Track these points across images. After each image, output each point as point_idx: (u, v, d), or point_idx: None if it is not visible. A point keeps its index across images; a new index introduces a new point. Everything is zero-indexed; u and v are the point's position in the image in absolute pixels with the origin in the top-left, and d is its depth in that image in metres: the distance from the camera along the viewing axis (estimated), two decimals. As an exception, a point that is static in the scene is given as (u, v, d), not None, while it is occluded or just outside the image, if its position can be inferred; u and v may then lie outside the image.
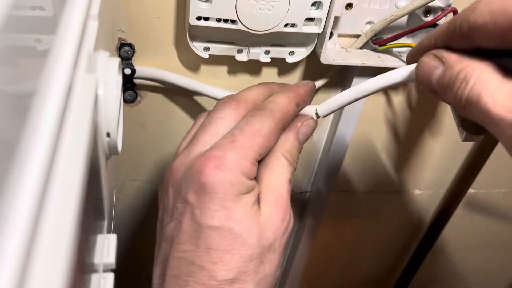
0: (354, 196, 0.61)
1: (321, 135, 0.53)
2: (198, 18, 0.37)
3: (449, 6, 0.40)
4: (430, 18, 0.41)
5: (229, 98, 0.33)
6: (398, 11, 0.40)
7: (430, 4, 0.40)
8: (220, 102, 0.33)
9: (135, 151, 0.49)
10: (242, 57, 0.41)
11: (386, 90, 0.50)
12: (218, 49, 0.40)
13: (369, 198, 0.62)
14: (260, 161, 0.31)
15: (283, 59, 0.42)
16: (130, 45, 0.40)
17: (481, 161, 0.57)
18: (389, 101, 0.51)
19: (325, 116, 0.35)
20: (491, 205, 0.68)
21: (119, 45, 0.40)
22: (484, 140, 0.54)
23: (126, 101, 0.44)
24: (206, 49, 0.40)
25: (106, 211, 0.27)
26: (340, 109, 0.41)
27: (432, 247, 0.71)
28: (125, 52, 0.40)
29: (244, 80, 0.45)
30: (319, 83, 0.46)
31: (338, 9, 0.38)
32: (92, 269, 0.21)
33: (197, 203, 0.27)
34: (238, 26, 0.37)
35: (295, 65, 0.45)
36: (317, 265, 0.70)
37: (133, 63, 0.41)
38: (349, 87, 0.46)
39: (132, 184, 0.52)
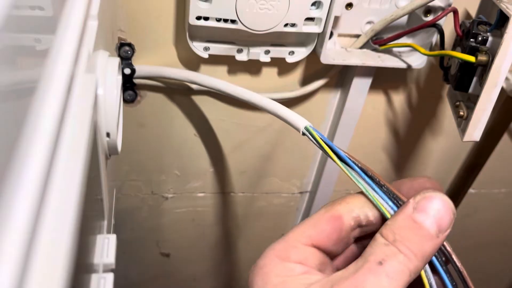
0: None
1: (321, 135, 0.53)
2: (198, 18, 0.37)
3: (449, 5, 0.40)
4: (430, 18, 0.41)
5: None
6: (398, 11, 0.40)
7: (430, 4, 0.40)
8: None
9: (135, 151, 0.49)
10: (242, 57, 0.41)
11: (386, 90, 0.50)
12: (218, 49, 0.40)
13: (369, 198, 0.62)
14: None
15: (283, 59, 0.42)
16: (129, 45, 0.40)
17: (481, 161, 0.57)
18: (389, 101, 0.51)
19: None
20: (491, 205, 0.68)
21: (118, 45, 0.40)
22: (485, 140, 0.54)
23: (126, 101, 0.44)
24: (206, 49, 0.40)
25: (106, 211, 0.27)
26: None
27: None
28: (125, 52, 0.40)
29: (244, 80, 0.45)
30: (319, 83, 0.46)
31: (338, 8, 0.38)
32: (91, 269, 0.21)
33: None
34: (238, 26, 0.37)
35: (295, 65, 0.45)
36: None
37: (133, 63, 0.41)
38: (349, 86, 0.46)
39: (132, 184, 0.52)
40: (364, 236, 0.27)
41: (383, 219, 0.26)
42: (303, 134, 0.31)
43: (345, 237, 0.25)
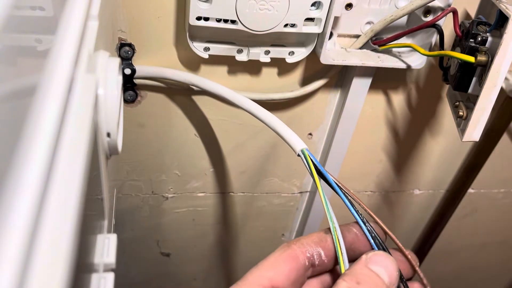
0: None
1: (321, 135, 0.53)
2: (198, 18, 0.37)
3: (449, 6, 0.40)
4: (429, 18, 0.41)
5: None
6: (398, 11, 0.40)
7: (429, 4, 0.40)
8: None
9: (135, 151, 0.49)
10: (242, 57, 0.41)
11: (385, 90, 0.50)
12: (218, 49, 0.40)
13: (369, 198, 0.62)
14: None
15: (283, 59, 0.42)
16: (130, 45, 0.40)
17: (480, 161, 0.58)
18: (389, 101, 0.51)
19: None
20: (491, 205, 0.68)
21: (119, 45, 0.40)
22: (484, 140, 0.54)
23: (126, 101, 0.44)
24: (206, 49, 0.40)
25: (106, 211, 0.27)
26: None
27: (432, 247, 0.71)
28: (125, 52, 0.40)
29: (244, 80, 0.45)
30: (319, 83, 0.46)
31: (338, 9, 0.38)
32: (92, 269, 0.21)
33: None
34: (238, 26, 0.37)
35: (295, 65, 0.45)
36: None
37: (133, 63, 0.41)
38: (349, 87, 0.46)
39: (133, 184, 0.52)
40: (318, 274, 0.28)
41: (336, 261, 0.27)
42: (298, 155, 0.32)
43: (301, 277, 0.26)
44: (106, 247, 0.25)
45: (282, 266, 0.26)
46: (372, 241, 0.28)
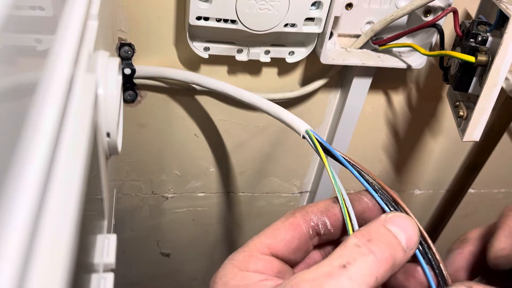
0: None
1: (321, 135, 0.53)
2: (198, 18, 0.37)
3: (449, 6, 0.40)
4: (430, 18, 0.41)
5: None
6: (398, 11, 0.40)
7: (430, 4, 0.40)
8: None
9: (135, 151, 0.49)
10: (242, 57, 0.41)
11: (385, 90, 0.50)
12: (218, 49, 0.40)
13: (369, 198, 0.62)
14: None
15: (283, 59, 0.42)
16: (130, 45, 0.40)
17: (481, 161, 0.57)
18: (389, 101, 0.51)
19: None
20: (491, 205, 0.68)
21: (119, 45, 0.40)
22: (484, 140, 0.54)
23: (126, 101, 0.44)
24: (206, 49, 0.40)
25: (106, 211, 0.27)
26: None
27: (432, 247, 0.71)
28: (125, 52, 0.40)
29: (244, 80, 0.45)
30: (319, 83, 0.46)
31: (338, 9, 0.38)
32: (92, 269, 0.21)
33: None
34: (238, 26, 0.37)
35: (295, 65, 0.45)
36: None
37: (133, 63, 0.41)
38: (349, 87, 0.46)
39: (132, 184, 0.52)
40: (325, 243, 0.27)
41: (343, 230, 0.26)
42: (303, 137, 0.32)
43: (304, 245, 0.26)
44: (106, 247, 0.25)
45: (282, 234, 0.25)
46: (385, 207, 0.26)
